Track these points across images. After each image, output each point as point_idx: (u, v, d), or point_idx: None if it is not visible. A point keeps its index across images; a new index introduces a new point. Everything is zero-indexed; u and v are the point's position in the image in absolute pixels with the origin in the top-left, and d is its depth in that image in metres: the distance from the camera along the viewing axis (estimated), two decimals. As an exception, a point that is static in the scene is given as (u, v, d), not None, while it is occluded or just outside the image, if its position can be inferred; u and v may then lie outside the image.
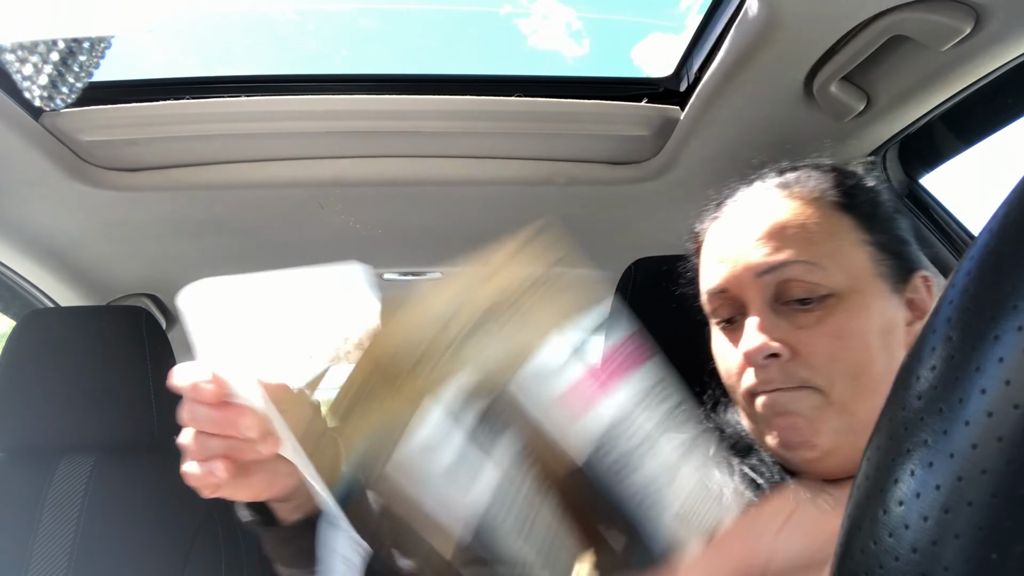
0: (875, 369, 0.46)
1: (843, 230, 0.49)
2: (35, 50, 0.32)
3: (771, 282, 0.48)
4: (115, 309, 1.13)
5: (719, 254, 0.52)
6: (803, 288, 0.47)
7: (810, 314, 0.47)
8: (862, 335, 0.46)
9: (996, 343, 0.14)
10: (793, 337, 0.47)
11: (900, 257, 0.51)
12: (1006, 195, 0.16)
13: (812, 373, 0.46)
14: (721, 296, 0.52)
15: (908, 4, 0.64)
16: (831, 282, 0.47)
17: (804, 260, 0.47)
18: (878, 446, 0.18)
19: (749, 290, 0.49)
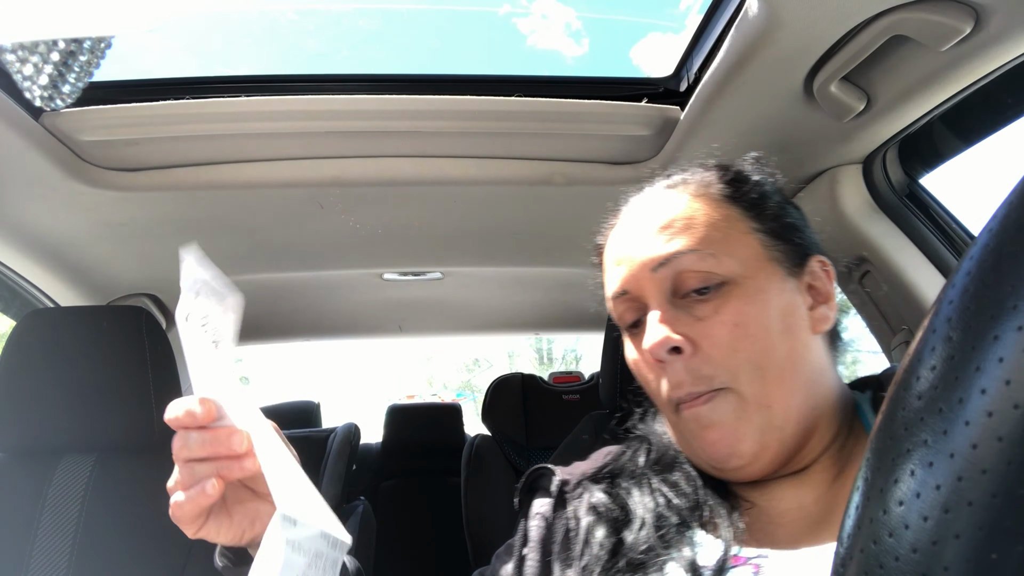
0: (778, 355, 0.46)
1: (731, 219, 0.50)
2: (35, 50, 0.32)
3: (667, 275, 0.48)
4: (115, 309, 1.13)
5: (616, 257, 0.53)
6: (698, 277, 0.48)
7: (708, 304, 0.47)
8: (760, 319, 0.47)
9: (996, 343, 0.14)
10: (694, 330, 0.47)
11: (791, 243, 0.51)
12: (1006, 195, 0.16)
13: (715, 369, 0.46)
14: (623, 299, 0.52)
15: (908, 4, 0.64)
16: (724, 269, 0.47)
17: (695, 249, 0.48)
18: (878, 446, 0.17)
19: (647, 286, 0.49)
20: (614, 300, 0.53)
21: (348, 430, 1.76)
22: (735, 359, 0.46)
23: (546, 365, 16.73)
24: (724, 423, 0.46)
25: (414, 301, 1.87)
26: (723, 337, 0.46)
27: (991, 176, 3.99)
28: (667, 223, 0.50)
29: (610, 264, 0.54)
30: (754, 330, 0.46)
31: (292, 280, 1.59)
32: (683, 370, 0.47)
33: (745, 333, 0.46)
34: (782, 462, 0.48)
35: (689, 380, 0.47)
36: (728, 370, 0.46)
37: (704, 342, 0.46)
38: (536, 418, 1.81)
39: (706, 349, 0.46)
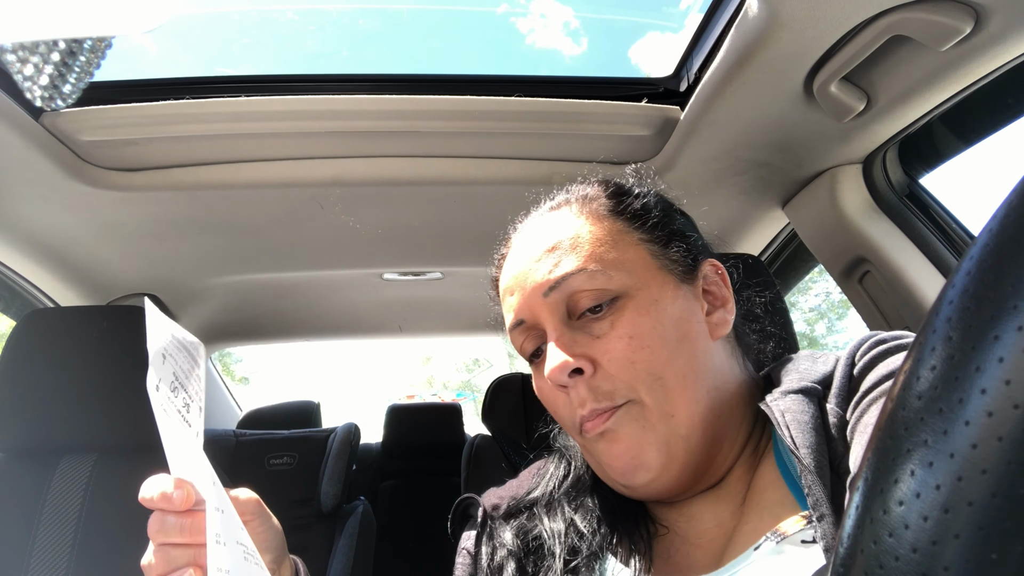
0: (677, 364, 0.46)
1: (617, 233, 0.50)
2: (35, 50, 0.32)
3: (559, 299, 0.48)
4: (115, 309, 1.13)
5: (508, 287, 0.53)
6: (590, 296, 0.47)
7: (603, 320, 0.47)
8: (656, 329, 0.46)
9: (996, 343, 0.14)
10: (592, 348, 0.47)
11: (680, 249, 0.51)
12: (1006, 195, 0.16)
13: (615, 384, 0.46)
14: (520, 328, 0.51)
15: (908, 4, 0.64)
16: (615, 284, 0.47)
17: (583, 268, 0.47)
18: (878, 446, 0.17)
19: (541, 312, 0.49)
20: (512, 331, 0.52)
21: (348, 430, 1.76)
22: (633, 371, 0.45)
23: (546, 365, 16.69)
24: (628, 435, 0.46)
25: (414, 301, 1.87)
26: (620, 351, 0.46)
27: (991, 176, 3.98)
28: (553, 245, 0.49)
29: (504, 295, 0.54)
30: (650, 341, 0.46)
31: (292, 280, 1.59)
32: (585, 389, 0.46)
33: (641, 344, 0.46)
34: (692, 474, 0.47)
35: (591, 398, 0.46)
36: (627, 383, 0.46)
37: (603, 359, 0.46)
38: (536, 418, 1.81)
39: (605, 366, 0.46)
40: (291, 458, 1.70)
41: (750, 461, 0.48)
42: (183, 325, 1.97)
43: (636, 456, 0.46)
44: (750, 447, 0.49)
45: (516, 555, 0.51)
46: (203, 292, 1.58)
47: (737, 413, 0.49)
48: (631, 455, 0.46)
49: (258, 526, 0.47)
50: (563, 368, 0.46)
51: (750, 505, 0.46)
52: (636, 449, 0.46)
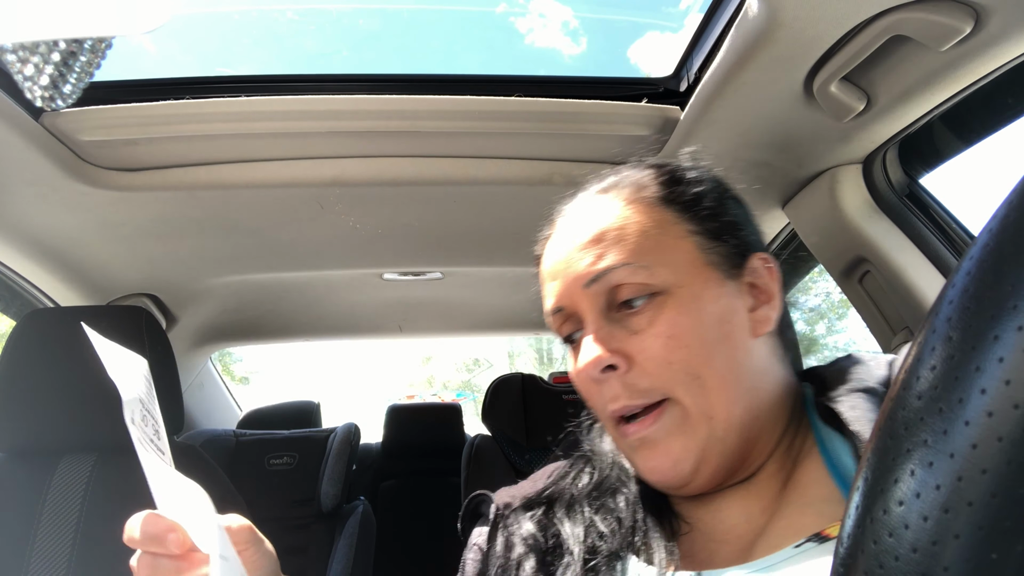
0: (716, 363, 0.45)
1: (665, 224, 0.48)
2: (35, 50, 0.32)
3: (600, 290, 0.47)
4: (115, 309, 1.14)
5: (550, 271, 0.52)
6: (632, 290, 0.46)
7: (642, 316, 0.46)
8: (695, 329, 0.45)
9: (996, 343, 0.14)
10: (629, 344, 0.46)
11: (730, 243, 0.49)
12: (1006, 195, 0.16)
13: (651, 382, 0.45)
14: (559, 315, 0.51)
15: (908, 4, 0.65)
16: (657, 280, 0.46)
17: (627, 263, 0.46)
18: (878, 446, 0.17)
19: (581, 302, 0.48)
20: (550, 315, 0.52)
21: (348, 430, 1.76)
22: (670, 371, 0.45)
23: (546, 365, 16.72)
24: (668, 444, 0.45)
25: (414, 301, 1.87)
26: (657, 350, 0.45)
27: (991, 176, 3.99)
28: (598, 235, 0.48)
29: (546, 278, 0.53)
30: (689, 340, 0.45)
31: (292, 280, 1.60)
32: (619, 385, 0.46)
33: (680, 344, 0.45)
34: (725, 474, 0.47)
35: (625, 394, 0.46)
36: (664, 382, 0.45)
37: (639, 356, 0.45)
38: (536, 418, 1.81)
39: (641, 363, 0.45)
40: (291, 458, 1.70)
41: (784, 458, 0.48)
42: (183, 325, 1.98)
43: (675, 464, 0.45)
44: (784, 444, 0.48)
45: (536, 548, 0.50)
46: (203, 292, 1.58)
47: (774, 411, 0.48)
48: (670, 463, 0.46)
49: (252, 554, 0.46)
50: (596, 364, 0.46)
51: (788, 500, 0.45)
52: (675, 456, 0.45)
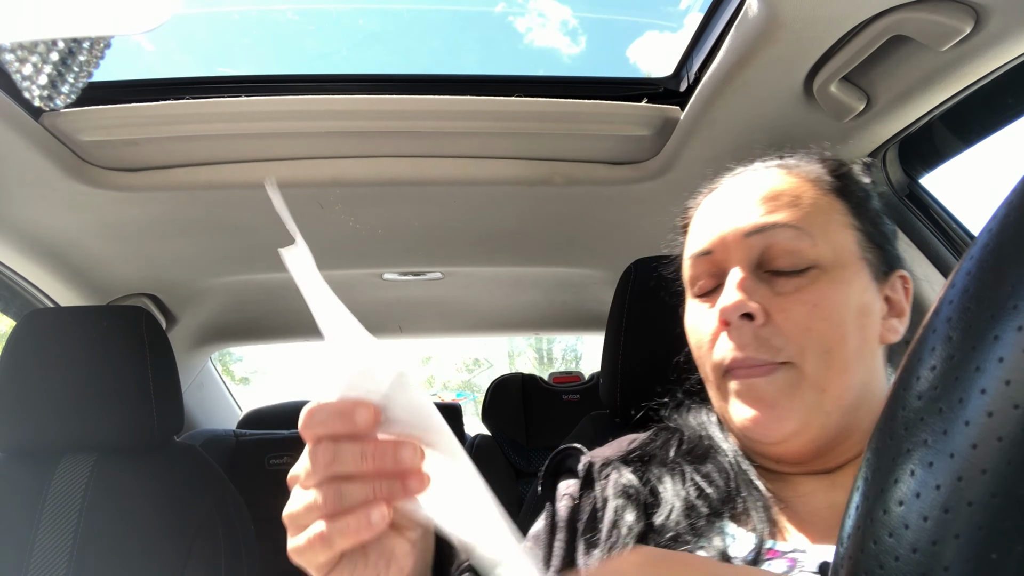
0: (848, 346, 0.46)
1: (834, 211, 0.50)
2: (35, 50, 0.32)
3: (758, 244, 0.48)
4: (115, 309, 1.14)
5: (710, 218, 0.53)
6: (788, 256, 0.47)
7: (790, 281, 0.47)
8: (839, 308, 0.46)
9: (996, 343, 0.14)
10: (771, 302, 0.46)
11: (884, 251, 0.51)
12: (1006, 195, 0.16)
13: (784, 341, 0.46)
14: (705, 259, 0.51)
15: (908, 4, 0.64)
16: (816, 253, 0.47)
17: (794, 225, 0.47)
18: (878, 446, 0.17)
19: (735, 251, 0.49)
20: (694, 259, 0.52)
21: (348, 430, 1.76)
22: (806, 337, 0.45)
23: (546, 365, 16.72)
24: (775, 397, 0.46)
25: (414, 301, 1.87)
26: (800, 314, 0.46)
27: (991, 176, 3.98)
28: (772, 195, 0.50)
29: (699, 224, 0.54)
30: (831, 314, 0.46)
31: (292, 280, 1.59)
32: (750, 335, 0.46)
33: (822, 315, 0.46)
34: (814, 452, 0.47)
35: (753, 345, 0.46)
36: (797, 346, 0.45)
37: (778, 316, 0.46)
38: (536, 418, 1.81)
39: (779, 323, 0.46)
40: (291, 458, 1.69)
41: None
42: (183, 325, 1.97)
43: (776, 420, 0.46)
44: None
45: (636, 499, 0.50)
46: (203, 292, 1.58)
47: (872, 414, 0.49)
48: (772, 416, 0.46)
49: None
50: (739, 307, 0.46)
51: None
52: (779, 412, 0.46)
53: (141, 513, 0.95)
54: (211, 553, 0.95)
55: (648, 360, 0.85)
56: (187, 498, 0.98)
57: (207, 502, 0.98)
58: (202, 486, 0.99)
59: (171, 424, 1.01)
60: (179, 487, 0.98)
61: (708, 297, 0.52)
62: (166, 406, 1.00)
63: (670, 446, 0.55)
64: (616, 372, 0.88)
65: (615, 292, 0.91)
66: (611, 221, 1.26)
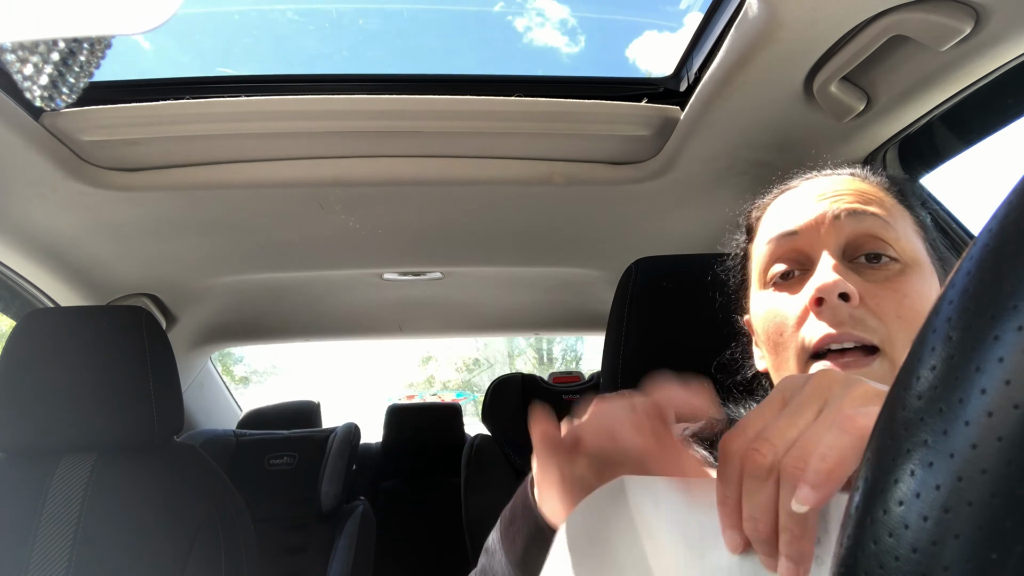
0: None
1: (907, 217, 0.51)
2: (35, 50, 0.32)
3: (848, 229, 0.48)
4: (115, 309, 1.14)
5: (792, 204, 0.53)
6: (876, 244, 0.48)
7: (878, 271, 0.47)
8: (925, 302, 0.46)
9: (996, 343, 0.14)
10: (862, 288, 0.46)
11: (943, 261, 0.52)
12: (1006, 195, 0.16)
13: (878, 324, 0.45)
14: (788, 240, 0.51)
15: (908, 4, 0.65)
16: (900, 248, 0.48)
17: (883, 217, 0.48)
18: (878, 446, 0.17)
19: (825, 235, 0.49)
20: (777, 240, 0.52)
21: (348, 430, 1.76)
22: (897, 325, 0.45)
23: (546, 365, 16.72)
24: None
25: (414, 301, 1.87)
26: (891, 303, 0.46)
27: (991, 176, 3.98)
28: (857, 192, 0.50)
29: (779, 211, 0.54)
30: (919, 307, 0.46)
31: (292, 280, 1.60)
32: (846, 313, 0.45)
33: (911, 306, 0.46)
34: None
35: (850, 323, 0.45)
36: (888, 330, 0.45)
37: (870, 300, 0.46)
38: (536, 418, 1.81)
39: (871, 307, 0.46)
40: (291, 458, 1.70)
41: None
42: (183, 325, 1.97)
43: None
44: None
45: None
46: (203, 292, 1.58)
47: None
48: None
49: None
50: (837, 285, 0.45)
51: None
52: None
53: (141, 513, 0.95)
54: (211, 553, 0.95)
55: (649, 360, 0.85)
56: (187, 498, 0.98)
57: (207, 502, 0.98)
58: (202, 486, 0.99)
59: (171, 424, 1.01)
60: (179, 487, 0.98)
61: (785, 284, 0.51)
62: (166, 406, 1.00)
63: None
64: (616, 372, 0.88)
65: (615, 292, 0.91)
66: (611, 221, 1.26)
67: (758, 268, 0.54)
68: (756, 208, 0.60)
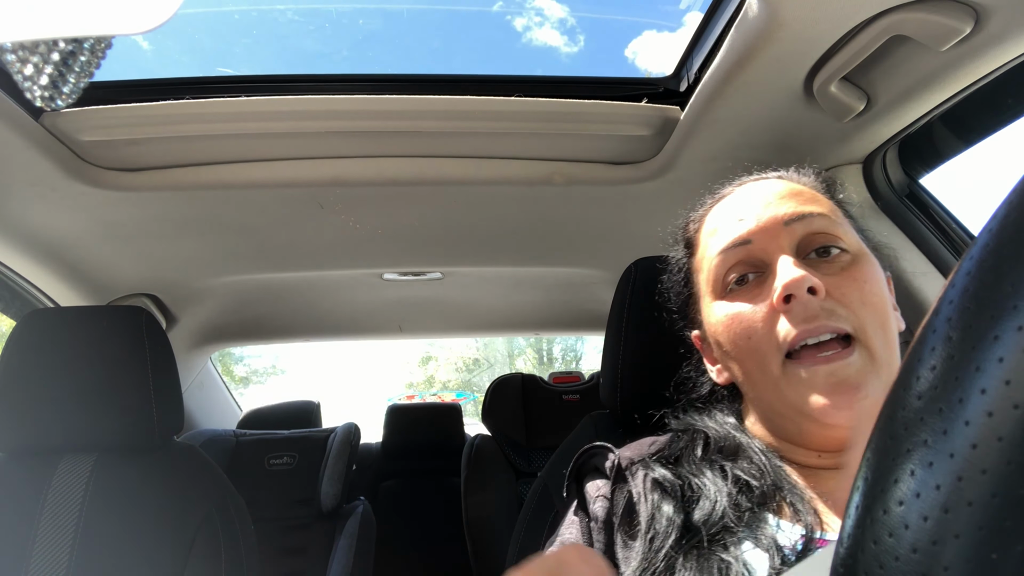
0: (890, 327, 0.47)
1: (839, 212, 0.53)
2: (35, 50, 0.32)
3: (799, 231, 0.49)
4: (115, 309, 1.14)
5: (738, 214, 0.53)
6: (826, 239, 0.49)
7: (832, 264, 0.48)
8: (881, 288, 0.48)
9: (996, 343, 0.14)
10: (823, 281, 0.47)
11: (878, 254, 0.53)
12: (1006, 195, 0.16)
13: (847, 312, 0.46)
14: (740, 250, 0.51)
15: (908, 4, 0.65)
16: (848, 242, 0.49)
17: (827, 215, 0.50)
18: (878, 446, 0.17)
19: (776, 239, 0.50)
20: (728, 251, 0.52)
21: (348, 430, 1.76)
22: (864, 311, 0.46)
23: (546, 365, 16.72)
24: (858, 378, 0.45)
25: (414, 301, 1.87)
26: (853, 290, 0.47)
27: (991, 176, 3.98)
28: (795, 192, 0.52)
29: (725, 223, 0.54)
30: (879, 292, 0.47)
31: (292, 280, 1.60)
32: (817, 306, 0.46)
33: (873, 291, 0.47)
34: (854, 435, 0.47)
35: (823, 315, 0.46)
36: (859, 318, 0.46)
37: (834, 291, 0.47)
38: (536, 418, 1.81)
39: (837, 297, 0.47)
40: (291, 458, 1.70)
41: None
42: (183, 325, 1.98)
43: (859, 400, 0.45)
44: None
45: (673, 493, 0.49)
46: (203, 292, 1.58)
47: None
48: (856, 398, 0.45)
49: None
50: (805, 279, 0.46)
51: None
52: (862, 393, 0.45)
53: (141, 513, 0.95)
54: (211, 553, 0.95)
55: (649, 360, 0.85)
56: (187, 498, 0.98)
57: (207, 502, 0.98)
58: (202, 486, 0.99)
59: (171, 424, 1.01)
60: (179, 487, 0.98)
61: (742, 291, 0.51)
62: (166, 406, 1.00)
63: (696, 445, 0.55)
64: (616, 372, 0.88)
65: (615, 292, 0.91)
66: (611, 221, 1.26)
67: (709, 279, 0.54)
68: (692, 221, 0.60)
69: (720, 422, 0.56)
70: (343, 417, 2.11)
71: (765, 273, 0.50)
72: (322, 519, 1.61)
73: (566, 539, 0.55)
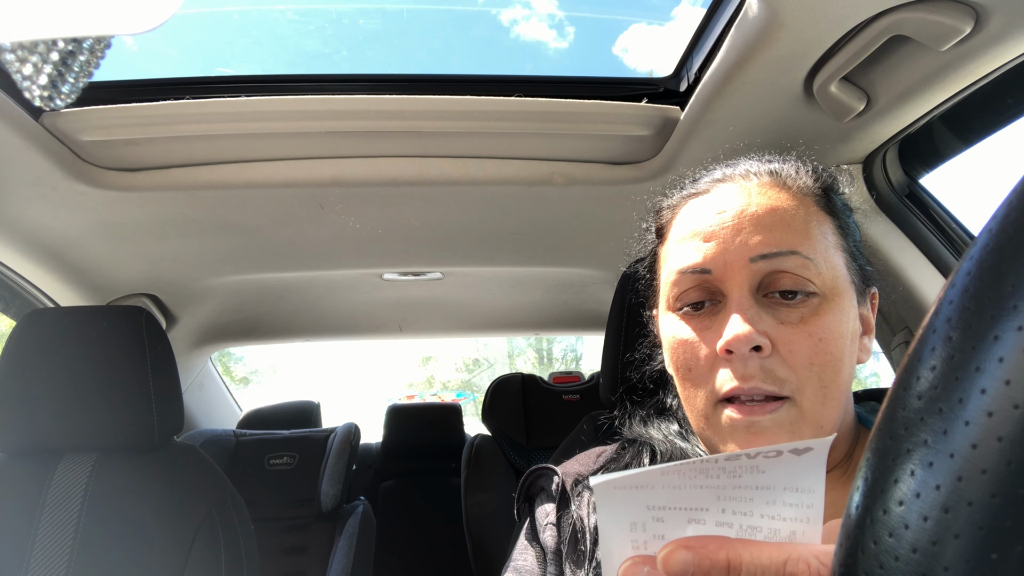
0: (841, 378, 0.45)
1: (828, 231, 0.48)
2: (35, 50, 0.32)
3: (763, 269, 0.46)
4: (115, 309, 1.14)
5: (703, 232, 0.49)
6: (793, 282, 0.45)
7: (793, 310, 0.45)
8: (839, 340, 0.45)
9: (996, 343, 0.14)
10: (776, 332, 0.45)
11: (862, 268, 0.50)
12: (1006, 195, 0.16)
13: (789, 373, 0.44)
14: (699, 276, 0.48)
15: (908, 4, 0.65)
16: (820, 281, 0.45)
17: (803, 254, 0.45)
18: (878, 446, 0.17)
19: (737, 275, 0.46)
20: (684, 275, 0.49)
21: (348, 430, 1.76)
22: (808, 372, 0.44)
23: (546, 365, 16.74)
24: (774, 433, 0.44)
25: (414, 301, 1.87)
26: (804, 348, 0.44)
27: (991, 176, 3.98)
28: (776, 217, 0.47)
29: (690, 234, 0.50)
30: (833, 349, 0.44)
31: (292, 280, 1.60)
32: (757, 366, 0.44)
33: (825, 350, 0.44)
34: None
35: (760, 376, 0.44)
36: (798, 380, 0.44)
37: (783, 348, 0.44)
38: (536, 418, 1.81)
39: (784, 355, 0.44)
40: (291, 458, 1.70)
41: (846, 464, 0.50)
42: (183, 325, 1.98)
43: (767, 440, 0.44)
44: (842, 466, 0.50)
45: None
46: (203, 292, 1.58)
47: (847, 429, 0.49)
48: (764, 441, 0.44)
49: None
50: (748, 340, 0.43)
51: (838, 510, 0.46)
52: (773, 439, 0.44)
53: (141, 513, 0.95)
54: (211, 553, 0.95)
55: (648, 360, 0.85)
56: (187, 498, 0.98)
57: (207, 502, 0.98)
58: (202, 486, 0.99)
59: (171, 424, 1.01)
60: (179, 487, 0.98)
61: (695, 313, 0.49)
62: (166, 406, 1.00)
63: (642, 457, 0.55)
64: (616, 372, 0.88)
65: (615, 292, 0.91)
66: (611, 221, 1.26)
67: (666, 291, 0.52)
68: (666, 209, 0.57)
69: (665, 432, 0.56)
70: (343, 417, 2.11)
71: (722, 303, 0.47)
72: (322, 519, 1.61)
73: (519, 566, 0.56)
